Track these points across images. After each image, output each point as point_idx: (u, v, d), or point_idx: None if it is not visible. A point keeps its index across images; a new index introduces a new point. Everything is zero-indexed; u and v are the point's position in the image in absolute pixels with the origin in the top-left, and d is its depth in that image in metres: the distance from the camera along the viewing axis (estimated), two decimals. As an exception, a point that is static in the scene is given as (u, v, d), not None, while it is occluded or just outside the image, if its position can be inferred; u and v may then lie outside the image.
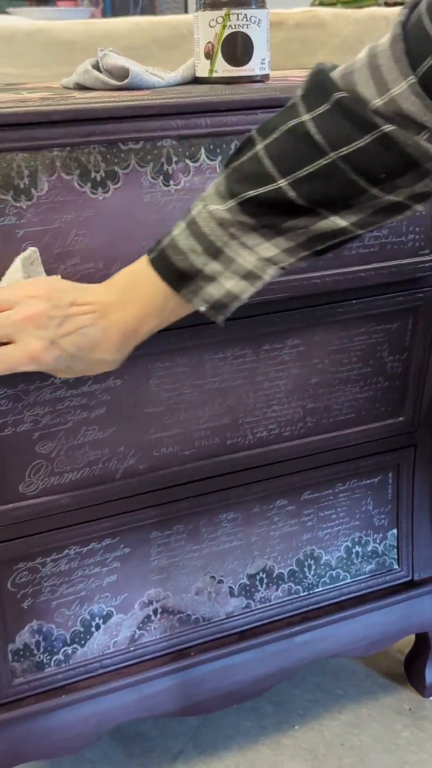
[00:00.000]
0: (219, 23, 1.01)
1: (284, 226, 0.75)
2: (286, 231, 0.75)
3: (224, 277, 0.78)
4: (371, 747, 1.25)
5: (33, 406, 0.95)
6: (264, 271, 0.78)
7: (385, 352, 1.13)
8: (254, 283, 0.78)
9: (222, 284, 0.78)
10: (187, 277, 0.78)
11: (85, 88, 1.05)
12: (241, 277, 0.78)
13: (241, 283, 0.78)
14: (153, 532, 1.07)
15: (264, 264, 0.77)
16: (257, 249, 0.76)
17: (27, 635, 1.03)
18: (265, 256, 0.77)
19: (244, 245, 0.76)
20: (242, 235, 0.76)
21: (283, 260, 0.77)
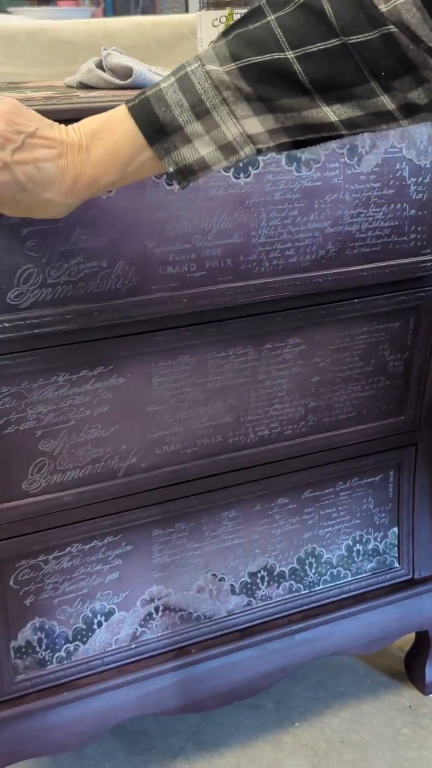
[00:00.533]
0: (222, 23, 1.02)
1: (278, 103, 0.74)
2: (278, 110, 0.74)
3: (202, 141, 0.76)
4: (371, 744, 1.25)
5: (36, 404, 0.95)
6: (242, 147, 0.76)
7: (387, 351, 1.14)
8: (228, 157, 0.76)
9: (197, 149, 0.76)
10: (164, 132, 0.75)
11: (88, 87, 1.06)
12: (217, 147, 0.76)
13: (215, 153, 0.76)
14: (155, 530, 1.08)
15: (244, 139, 0.75)
16: (243, 122, 0.75)
17: (29, 632, 1.04)
18: (249, 132, 0.75)
19: (232, 114, 0.75)
20: (234, 101, 0.74)
21: (263, 141, 0.76)
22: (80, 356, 0.95)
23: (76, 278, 0.91)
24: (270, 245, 1.00)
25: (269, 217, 0.99)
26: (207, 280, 0.98)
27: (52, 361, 0.94)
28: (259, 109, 0.74)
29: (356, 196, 1.03)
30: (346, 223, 1.03)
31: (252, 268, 1.00)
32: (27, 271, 0.89)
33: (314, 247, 1.03)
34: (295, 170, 0.99)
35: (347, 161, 1.01)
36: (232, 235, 0.98)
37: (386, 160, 1.03)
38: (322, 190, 1.01)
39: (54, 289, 0.91)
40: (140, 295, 0.95)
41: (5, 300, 0.89)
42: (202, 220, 0.96)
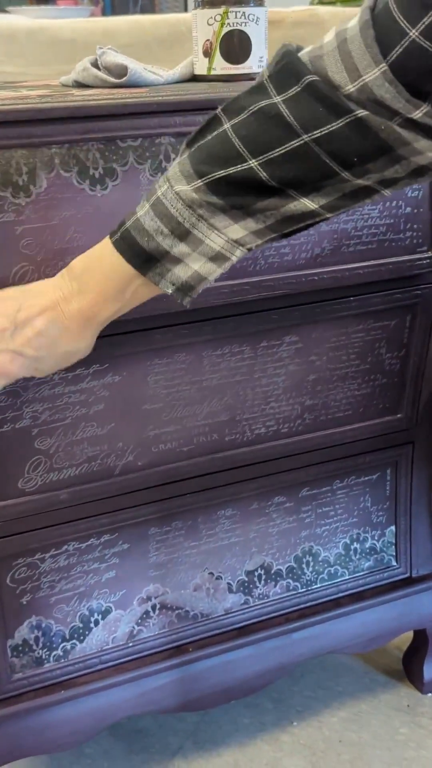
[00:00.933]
0: (217, 21, 1.02)
1: (254, 208, 0.74)
2: (256, 212, 0.75)
3: (191, 258, 0.77)
4: (370, 743, 1.25)
5: (32, 402, 0.95)
6: (232, 253, 0.77)
7: (383, 349, 1.13)
8: (222, 265, 0.77)
9: (189, 266, 0.77)
10: (153, 259, 0.77)
11: (83, 85, 1.06)
12: (208, 259, 0.77)
13: (208, 265, 0.77)
14: (151, 528, 1.08)
15: (232, 245, 0.76)
16: (225, 231, 0.75)
17: (26, 631, 1.04)
18: (234, 237, 0.76)
19: (213, 227, 0.75)
20: (210, 216, 0.75)
21: (251, 242, 0.77)
22: (76, 354, 0.95)
23: (72, 276, 0.91)
24: (266, 243, 1.00)
25: (265, 215, 0.99)
26: (202, 278, 0.98)
27: (48, 359, 0.94)
28: (237, 216, 0.75)
29: (352, 194, 1.03)
30: (342, 221, 1.03)
31: (247, 265, 1.00)
32: (22, 269, 0.89)
33: (310, 244, 1.02)
34: (290, 168, 0.99)
35: (343, 159, 1.01)
36: (228, 233, 0.98)
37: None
38: (317, 187, 1.01)
39: (49, 287, 0.91)
40: (135, 293, 0.95)
41: (0, 298, 0.89)
42: (197, 218, 0.96)
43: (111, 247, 0.78)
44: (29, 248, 0.89)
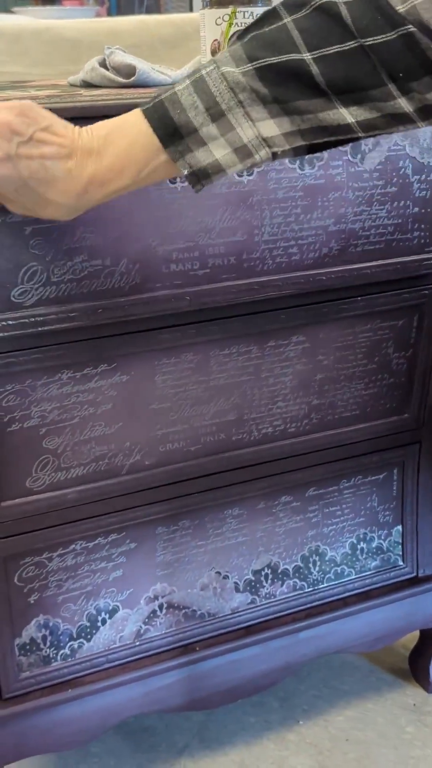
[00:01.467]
0: (225, 21, 1.02)
1: (294, 105, 0.74)
2: (294, 112, 0.74)
3: (217, 144, 0.75)
4: (376, 742, 1.25)
5: (40, 402, 0.95)
6: (257, 151, 0.75)
7: (391, 348, 1.14)
8: (243, 161, 0.76)
9: (212, 152, 0.75)
10: (178, 134, 0.75)
11: (92, 85, 1.06)
12: (233, 150, 0.75)
13: (230, 156, 0.75)
14: (159, 528, 1.08)
15: (260, 143, 0.75)
16: (259, 124, 0.75)
17: (33, 630, 1.04)
18: (264, 134, 0.75)
19: (248, 116, 0.74)
20: (250, 104, 0.74)
21: (279, 144, 0.76)
22: (84, 354, 0.96)
23: (80, 276, 0.92)
24: (273, 243, 1.00)
25: (272, 215, 0.99)
26: (210, 278, 0.98)
27: (56, 358, 0.94)
28: (275, 112, 0.74)
29: (359, 194, 1.03)
30: (350, 221, 1.03)
31: (255, 265, 1.00)
32: (31, 269, 0.89)
33: (317, 244, 1.03)
34: (298, 168, 0.99)
35: (350, 159, 1.01)
36: (236, 233, 0.98)
37: (389, 158, 1.03)
38: (325, 187, 1.01)
39: (58, 286, 0.91)
40: (144, 293, 0.95)
41: (9, 298, 0.89)
42: (205, 218, 0.96)
43: (140, 115, 0.75)
44: (38, 248, 0.89)
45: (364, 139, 0.77)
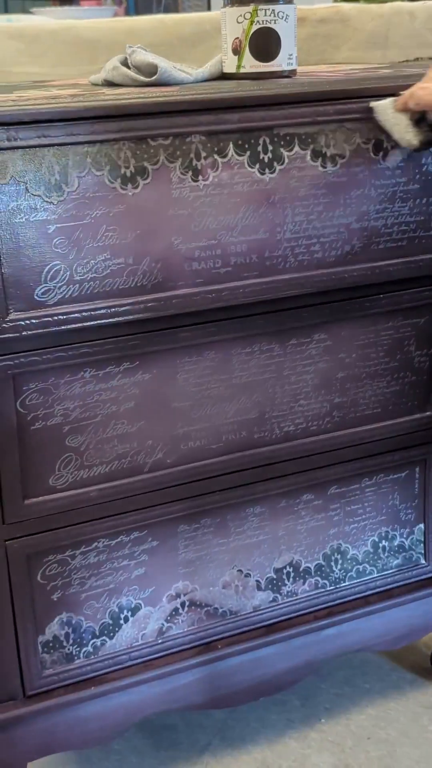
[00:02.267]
0: (247, 19, 1.02)
1: None
2: None
3: None
4: (398, 741, 1.25)
5: (63, 400, 0.96)
6: None
7: (413, 346, 1.13)
8: None
9: None
10: None
11: (113, 84, 1.06)
12: None
13: None
14: (181, 526, 1.08)
15: None
16: None
17: (56, 627, 1.04)
18: None
19: None
20: None
21: None
22: (106, 352, 0.96)
23: (103, 275, 0.92)
24: (295, 241, 1.00)
25: (294, 212, 0.99)
26: (232, 276, 0.98)
27: (79, 357, 0.95)
28: None
29: (382, 192, 1.03)
30: (372, 219, 1.03)
31: (277, 263, 1.00)
32: (54, 267, 0.90)
33: (340, 242, 1.02)
34: (320, 166, 0.99)
35: (372, 156, 1.01)
36: (258, 230, 0.98)
37: (412, 155, 1.03)
38: (347, 185, 1.01)
39: (81, 285, 0.91)
40: (166, 291, 0.95)
41: (33, 296, 0.90)
42: (227, 217, 0.96)
43: None
44: (61, 247, 0.89)
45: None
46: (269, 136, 0.96)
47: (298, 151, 0.97)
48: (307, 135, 0.97)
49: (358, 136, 1.00)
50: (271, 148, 0.96)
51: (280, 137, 0.96)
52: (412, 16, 1.61)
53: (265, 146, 0.96)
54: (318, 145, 0.98)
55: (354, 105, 0.98)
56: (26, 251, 0.88)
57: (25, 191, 0.87)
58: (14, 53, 1.69)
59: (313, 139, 0.98)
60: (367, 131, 1.00)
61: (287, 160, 0.97)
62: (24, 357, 0.92)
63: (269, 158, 0.96)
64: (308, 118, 0.97)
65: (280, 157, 0.97)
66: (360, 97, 0.99)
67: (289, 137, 0.97)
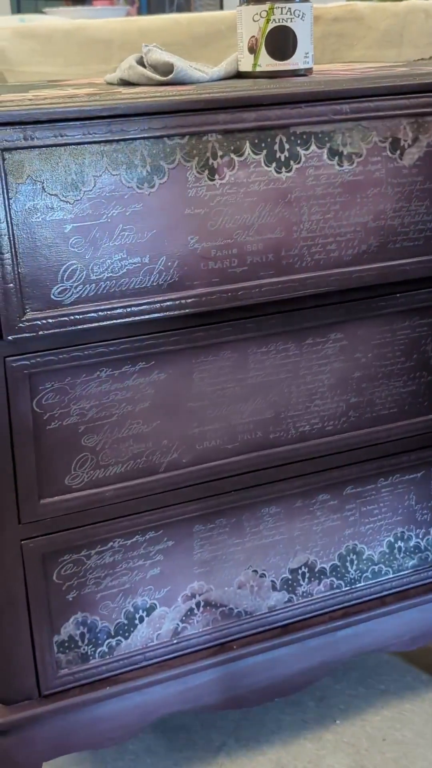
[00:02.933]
0: (263, 17, 1.01)
1: None
2: None
3: None
4: (414, 742, 1.24)
5: (79, 400, 0.96)
6: None
7: (429, 346, 1.13)
8: None
9: None
10: None
11: (129, 83, 1.06)
12: None
13: None
14: (196, 526, 1.08)
15: None
16: None
17: (72, 627, 1.04)
18: None
19: None
20: None
21: None
22: (122, 352, 0.96)
23: (119, 274, 0.92)
24: (312, 240, 1.00)
25: (311, 211, 0.99)
26: (249, 275, 0.98)
27: (95, 356, 0.94)
28: None
29: (399, 190, 1.02)
30: (389, 217, 1.03)
31: (294, 262, 1.00)
32: (71, 267, 0.90)
33: (356, 241, 1.02)
34: (336, 164, 0.98)
35: (389, 155, 1.01)
36: (274, 230, 0.98)
37: (429, 153, 1.02)
38: (364, 184, 1.00)
39: (97, 285, 0.91)
40: (182, 291, 0.95)
41: (49, 296, 0.90)
42: (243, 215, 0.96)
43: None
44: (78, 246, 0.89)
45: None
46: (285, 134, 0.95)
47: (314, 149, 0.97)
48: (323, 133, 0.97)
49: (374, 135, 0.99)
50: (288, 146, 0.96)
51: (297, 136, 0.96)
52: (427, 15, 1.60)
53: (281, 145, 0.95)
54: (334, 144, 0.98)
55: (370, 103, 0.98)
56: (43, 251, 0.88)
57: (41, 191, 0.87)
58: (27, 53, 1.69)
59: (330, 138, 0.97)
60: (384, 129, 1.00)
61: (304, 159, 0.97)
62: (40, 357, 0.92)
63: (286, 157, 0.96)
64: (325, 117, 0.96)
65: (297, 156, 0.96)
66: (376, 96, 0.98)
67: (306, 136, 0.96)
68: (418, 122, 1.01)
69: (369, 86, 0.98)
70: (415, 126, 1.01)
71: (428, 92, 1.01)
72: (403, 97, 1.00)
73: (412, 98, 1.00)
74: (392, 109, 0.99)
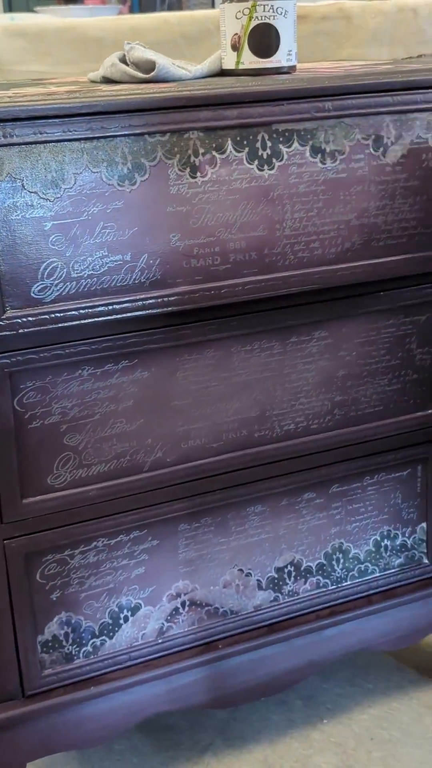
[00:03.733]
0: (245, 15, 1.01)
1: None
2: None
3: None
4: (401, 741, 1.24)
5: (60, 399, 0.95)
6: None
7: (414, 344, 1.12)
8: None
9: None
10: None
11: (112, 81, 1.06)
12: None
13: None
14: (181, 525, 1.07)
15: None
16: None
17: (56, 627, 1.04)
18: None
19: None
20: None
21: None
22: (104, 350, 0.95)
23: (100, 272, 0.91)
24: (295, 238, 0.99)
25: (294, 209, 0.98)
26: (231, 273, 0.98)
27: (77, 355, 0.94)
28: None
29: (382, 188, 1.02)
30: (372, 215, 1.02)
31: (277, 260, 0.99)
32: (51, 264, 0.89)
33: (339, 239, 1.02)
34: (319, 162, 0.98)
35: (372, 152, 1.00)
36: (257, 227, 0.97)
37: (412, 151, 1.02)
38: (347, 181, 1.00)
39: (78, 282, 0.91)
40: (164, 288, 0.95)
41: (30, 294, 0.89)
42: (226, 213, 0.95)
43: None
44: (59, 244, 0.89)
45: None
46: (268, 132, 0.95)
47: (297, 147, 0.96)
48: (306, 131, 0.97)
49: (357, 132, 0.99)
50: (270, 144, 0.95)
51: (279, 133, 0.96)
52: (415, 13, 1.60)
53: (263, 142, 0.95)
54: (317, 141, 0.97)
55: (353, 100, 0.98)
56: (23, 248, 0.88)
57: (21, 188, 0.86)
58: (18, 51, 1.69)
59: (313, 135, 0.97)
60: (367, 127, 0.99)
61: (286, 157, 0.96)
62: (21, 355, 0.92)
63: (268, 154, 0.95)
64: (307, 114, 0.96)
65: (279, 154, 0.96)
66: (359, 93, 0.98)
67: (288, 133, 0.96)
68: (401, 120, 1.01)
69: (352, 83, 0.98)
70: (399, 123, 1.01)
71: (412, 89, 1.01)
72: (387, 95, 0.99)
73: (395, 95, 1.00)
74: (375, 106, 0.99)
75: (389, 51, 1.63)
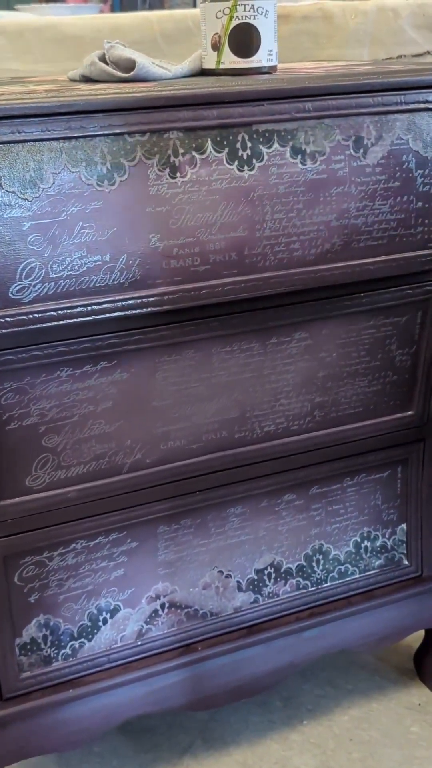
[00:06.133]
0: (226, 14, 1.01)
1: None
2: None
3: None
4: (381, 742, 1.24)
5: (39, 400, 0.94)
6: None
7: (394, 345, 1.12)
8: None
9: None
10: None
11: (91, 80, 1.05)
12: None
13: None
14: (160, 526, 1.07)
15: None
16: None
17: (34, 629, 1.03)
18: None
19: None
20: None
21: None
22: (83, 351, 0.95)
23: (79, 272, 0.91)
24: (275, 239, 0.99)
25: (274, 210, 0.98)
26: (211, 274, 0.97)
27: (55, 356, 0.93)
28: None
29: (362, 189, 1.02)
30: (352, 216, 1.02)
31: (257, 261, 0.99)
32: (29, 265, 0.88)
33: (320, 240, 1.02)
34: (300, 163, 0.98)
35: (353, 153, 1.00)
36: (237, 228, 0.97)
37: (392, 152, 1.02)
38: (327, 182, 1.00)
39: (57, 283, 0.90)
40: (144, 289, 0.94)
41: (7, 294, 0.88)
42: (205, 214, 0.95)
43: None
44: (36, 244, 0.88)
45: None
46: (248, 132, 0.95)
47: (277, 147, 0.96)
48: (286, 132, 0.96)
49: (338, 133, 0.99)
50: (250, 144, 0.95)
51: (259, 134, 0.95)
52: (395, 14, 1.60)
53: (243, 143, 0.95)
54: (297, 142, 0.97)
55: (333, 101, 0.98)
56: (0, 249, 0.87)
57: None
58: (-3, 50, 1.68)
59: (293, 136, 0.97)
60: (347, 128, 0.99)
61: (266, 157, 0.96)
62: (-1, 356, 0.91)
63: (248, 155, 0.95)
64: (287, 115, 0.96)
65: (259, 154, 0.96)
66: (340, 94, 0.98)
67: (268, 134, 0.96)
68: (381, 121, 1.01)
69: (332, 84, 0.98)
70: (379, 125, 1.01)
71: (392, 91, 1.01)
72: (367, 96, 0.99)
73: (375, 96, 1.00)
74: (356, 107, 0.99)
75: (370, 51, 1.63)
